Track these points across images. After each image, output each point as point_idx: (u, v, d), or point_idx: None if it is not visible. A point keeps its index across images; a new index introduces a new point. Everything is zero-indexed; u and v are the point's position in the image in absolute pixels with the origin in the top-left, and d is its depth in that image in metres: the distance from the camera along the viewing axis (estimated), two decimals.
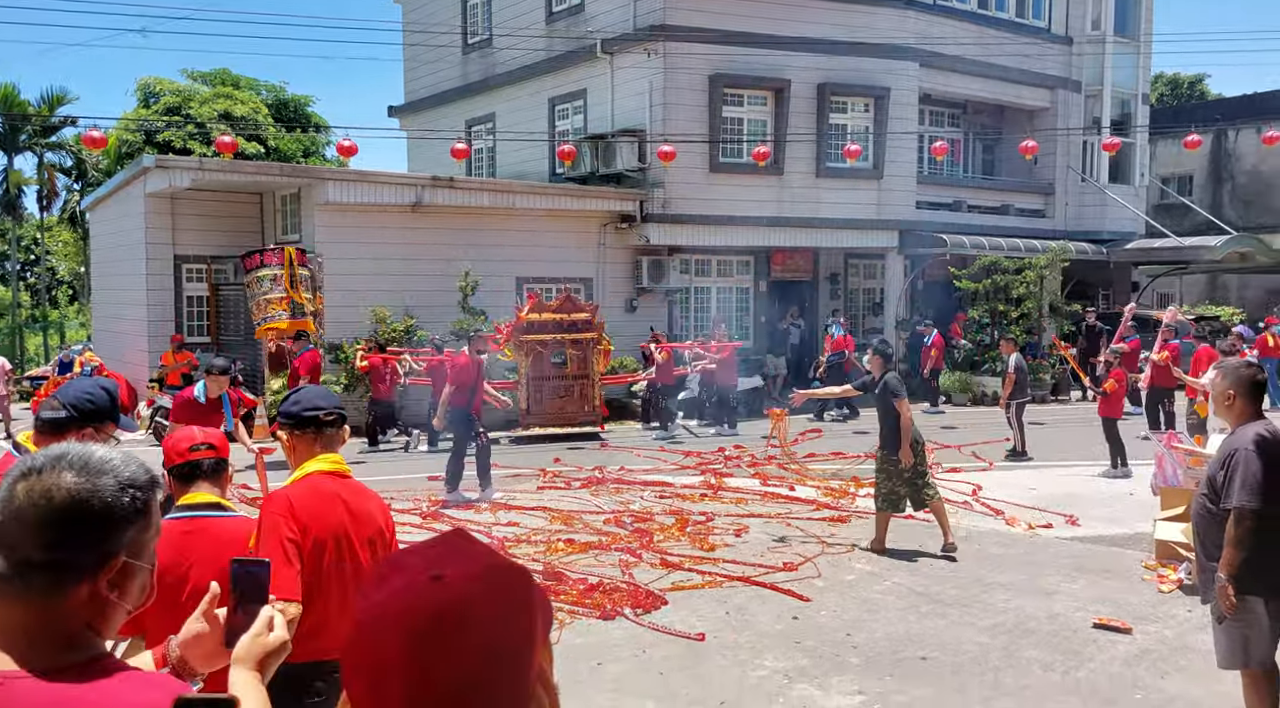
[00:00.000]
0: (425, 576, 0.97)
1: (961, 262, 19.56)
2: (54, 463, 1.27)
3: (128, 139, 27.34)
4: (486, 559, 1.02)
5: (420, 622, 0.95)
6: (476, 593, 0.97)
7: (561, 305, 14.84)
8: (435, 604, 0.96)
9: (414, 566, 1.00)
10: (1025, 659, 5.61)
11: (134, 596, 1.32)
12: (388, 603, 0.97)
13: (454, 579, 0.97)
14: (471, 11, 22.00)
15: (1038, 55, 21.47)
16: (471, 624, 0.96)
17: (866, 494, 10.02)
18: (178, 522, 2.65)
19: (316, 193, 16.04)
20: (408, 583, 0.98)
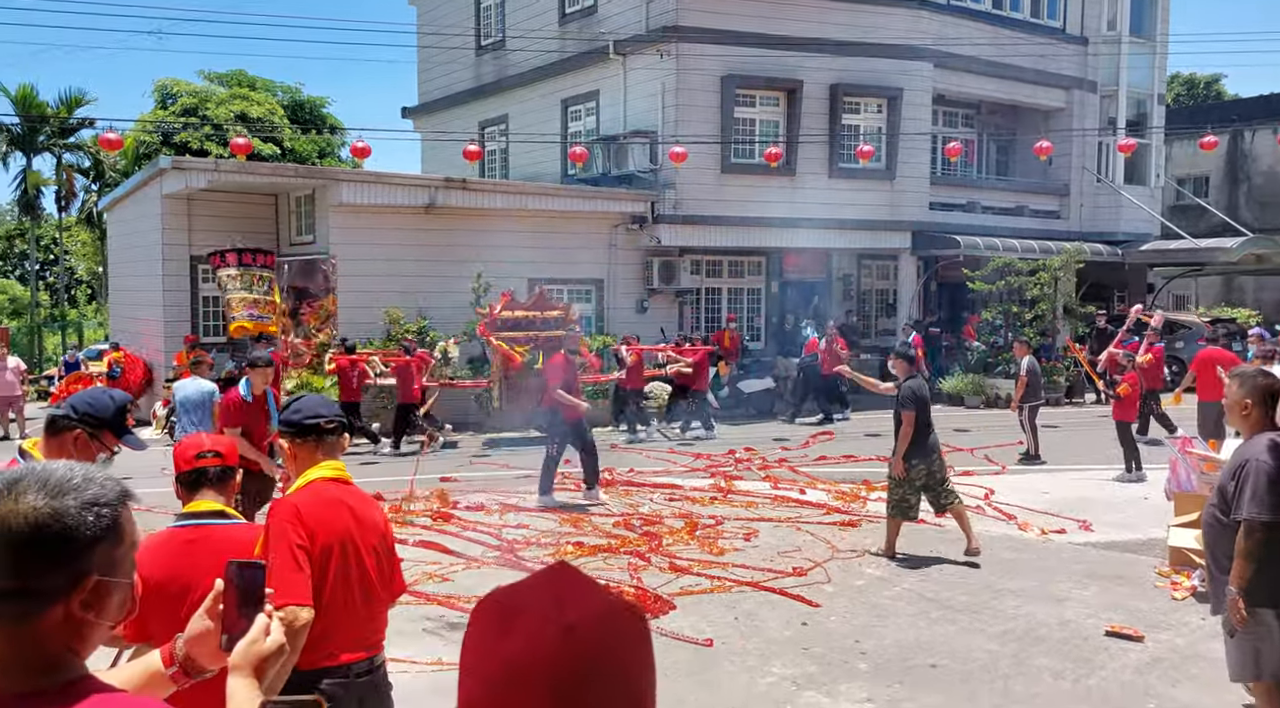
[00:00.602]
0: (558, 625, 0.95)
1: (975, 263, 19.46)
2: (11, 487, 1.24)
3: (145, 140, 27.54)
4: (604, 599, 1.00)
5: (565, 675, 0.93)
6: (613, 642, 0.97)
7: (534, 303, 14.76)
8: (577, 657, 0.94)
9: (535, 610, 0.97)
10: (1036, 667, 5.58)
11: (113, 612, 1.29)
12: (527, 656, 0.94)
13: (586, 628, 0.95)
14: (485, 13, 22.05)
15: (1053, 55, 21.37)
16: (610, 674, 0.95)
17: (878, 498, 10.01)
18: (182, 530, 2.66)
19: (331, 194, 16.12)
20: (539, 634, 0.95)
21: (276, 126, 28.01)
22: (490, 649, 0.97)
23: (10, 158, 31.75)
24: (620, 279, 17.80)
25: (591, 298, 17.81)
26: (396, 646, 5.64)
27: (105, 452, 2.95)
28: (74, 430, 2.88)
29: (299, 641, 2.56)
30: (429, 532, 8.58)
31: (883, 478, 11.05)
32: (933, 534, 8.62)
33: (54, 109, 31.33)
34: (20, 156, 31.77)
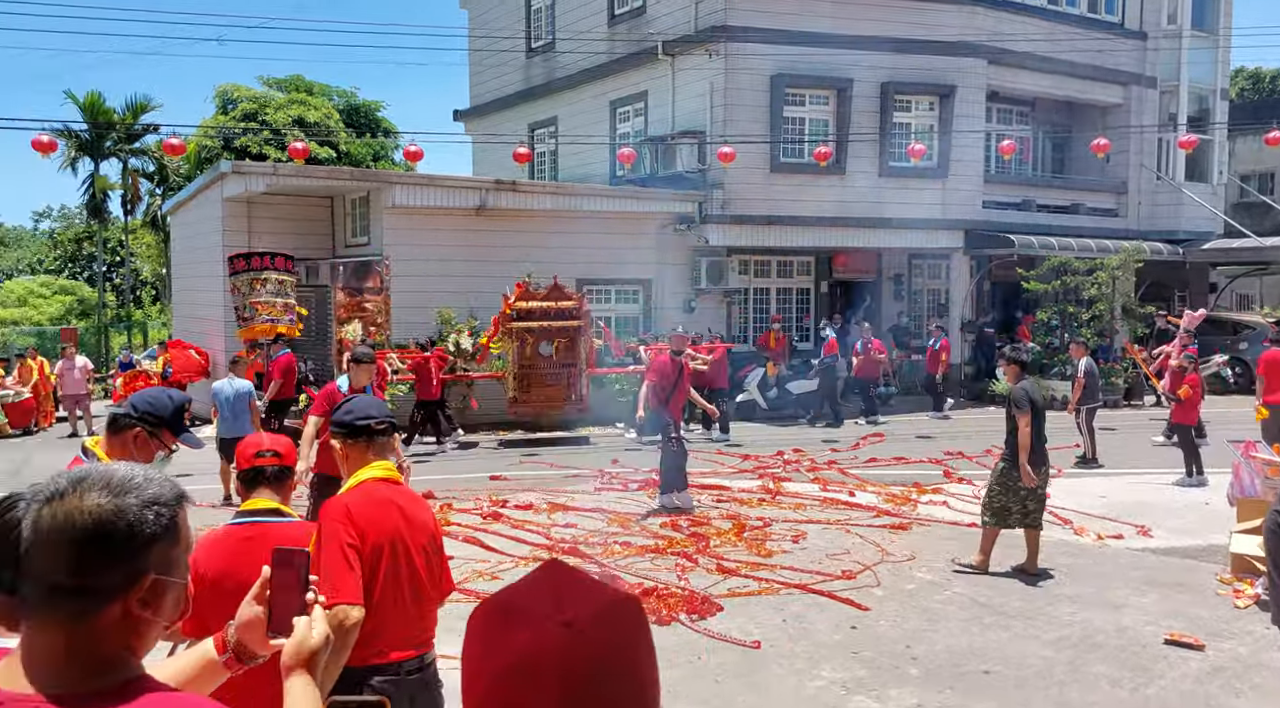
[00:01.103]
0: (557, 621, 0.96)
1: (1030, 262, 19.12)
2: (76, 485, 1.26)
3: (206, 144, 28.21)
4: (602, 594, 1.01)
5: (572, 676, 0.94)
6: (614, 636, 0.98)
7: (549, 294, 14.71)
8: (582, 655, 0.95)
9: (536, 610, 0.98)
10: (1092, 675, 5.47)
11: (168, 611, 1.31)
12: (527, 658, 0.95)
13: (586, 624, 0.96)
14: (535, 16, 22.21)
15: (1111, 51, 20.90)
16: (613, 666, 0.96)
17: (928, 501, 9.90)
18: (239, 527, 2.72)
19: (384, 196, 16.37)
20: (539, 633, 0.96)
21: (333, 131, 28.50)
22: (493, 652, 0.98)
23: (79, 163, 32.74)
24: (668, 279, 17.81)
25: (639, 298, 17.84)
26: (447, 644, 5.70)
27: (164, 449, 3.03)
28: (134, 429, 2.96)
29: (350, 639, 2.60)
30: (478, 531, 8.66)
31: (934, 481, 10.95)
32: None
33: (120, 115, 32.23)
34: (88, 162, 32.74)
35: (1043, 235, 19.37)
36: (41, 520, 1.24)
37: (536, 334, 14.46)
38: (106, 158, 33.04)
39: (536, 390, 14.55)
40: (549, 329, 14.47)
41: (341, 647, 2.60)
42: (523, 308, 14.41)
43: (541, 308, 14.47)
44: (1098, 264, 18.70)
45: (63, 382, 16.61)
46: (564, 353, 14.60)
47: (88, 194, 33.76)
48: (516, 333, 14.42)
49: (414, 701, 2.91)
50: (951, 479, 11.14)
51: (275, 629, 1.56)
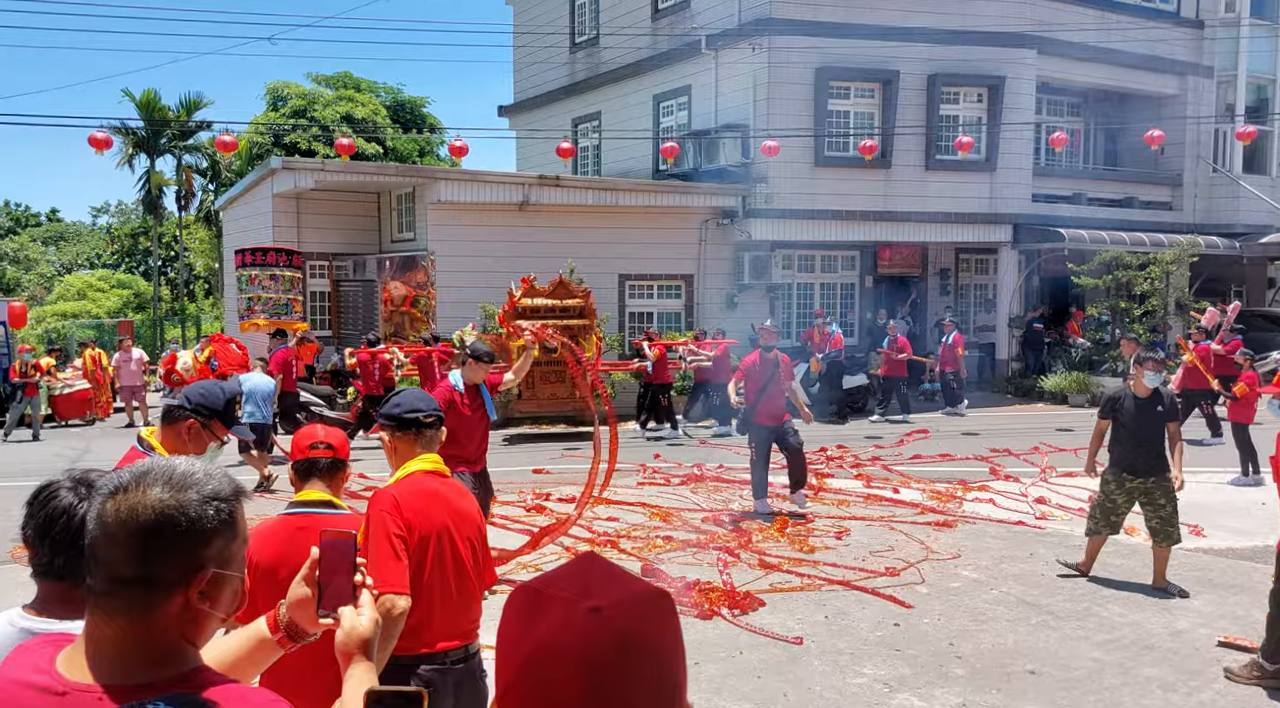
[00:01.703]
0: (582, 608, 0.98)
1: (1080, 257, 18.77)
2: (139, 480, 1.30)
3: (257, 141, 28.70)
4: (632, 585, 1.03)
5: (596, 657, 0.96)
6: (638, 620, 0.99)
7: (554, 290, 14.62)
8: (607, 637, 0.97)
9: (563, 597, 1.01)
10: (1143, 678, 5.37)
11: (226, 604, 1.35)
12: (554, 640, 0.98)
13: (612, 609, 0.98)
14: (579, 11, 22.25)
15: (1165, 40, 20.41)
16: (637, 653, 0.98)
17: (974, 498, 9.77)
18: (292, 518, 2.77)
19: (429, 192, 16.54)
20: (566, 617, 0.98)
21: (379, 127, 28.83)
22: (524, 634, 1.01)
23: (135, 160, 33.51)
24: (710, 274, 17.77)
25: (681, 293, 17.82)
26: (492, 633, 5.77)
27: (215, 441, 3.10)
28: (188, 420, 3.03)
29: (396, 628, 2.64)
30: (525, 524, 8.72)
31: (981, 478, 10.81)
32: (1032, 536, 8.38)
33: (174, 113, 32.91)
34: (144, 159, 33.49)
35: (1094, 229, 19.01)
36: (106, 514, 1.28)
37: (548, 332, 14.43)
38: (161, 154, 33.77)
39: (541, 388, 14.49)
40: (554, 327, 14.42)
41: (388, 636, 2.63)
42: (527, 305, 14.36)
43: (547, 305, 14.40)
44: (1151, 259, 18.31)
45: (119, 374, 17.02)
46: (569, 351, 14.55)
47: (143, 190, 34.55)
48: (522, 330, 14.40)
49: (460, 689, 2.94)
50: (998, 477, 10.99)
51: (325, 609, 1.60)
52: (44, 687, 1.27)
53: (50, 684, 1.28)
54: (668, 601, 1.04)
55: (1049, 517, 9.07)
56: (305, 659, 1.79)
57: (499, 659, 1.02)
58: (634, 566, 7.37)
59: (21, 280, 44.41)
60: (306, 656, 1.79)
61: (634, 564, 7.42)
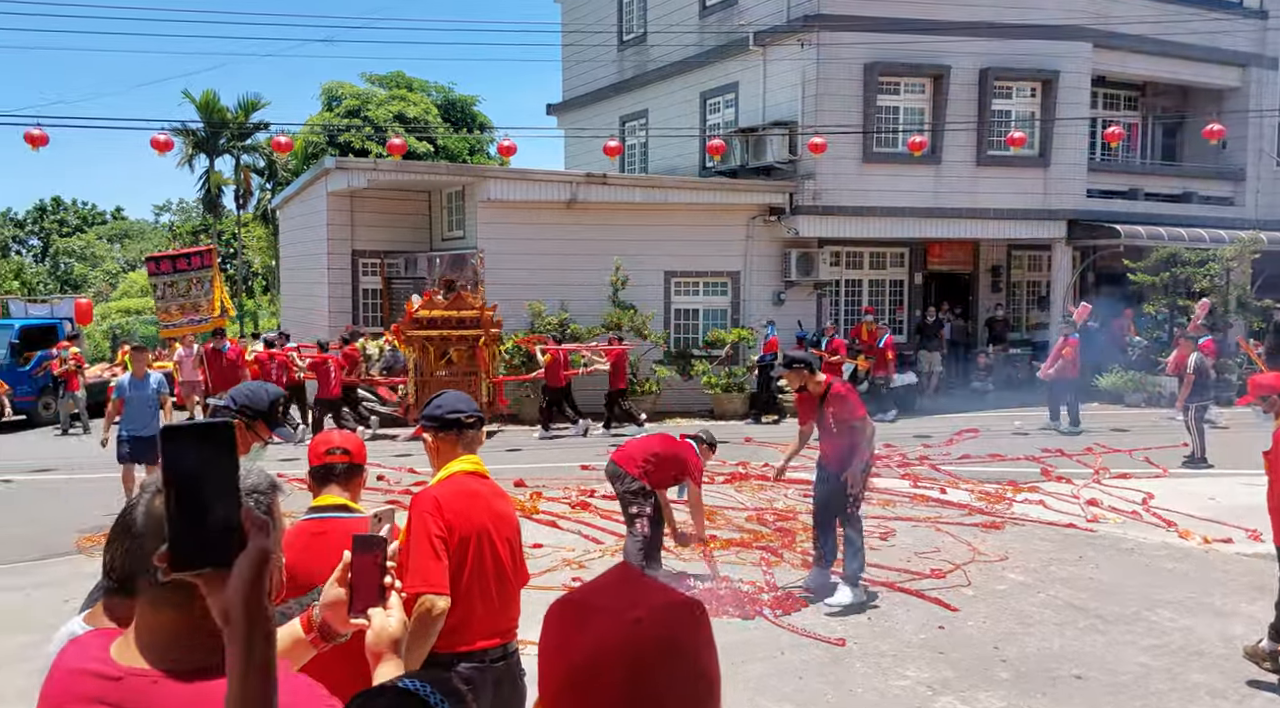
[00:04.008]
0: (625, 619, 1.04)
1: (1137, 253, 18.37)
2: None
3: (313, 141, 29.25)
4: (668, 594, 1.10)
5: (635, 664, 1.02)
6: (674, 632, 1.05)
7: (452, 303, 14.64)
8: (645, 645, 1.03)
9: (605, 608, 1.07)
10: (1192, 684, 5.28)
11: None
12: (602, 647, 1.04)
13: (652, 620, 1.04)
14: (627, 9, 22.29)
15: (1227, 31, 19.86)
16: (675, 661, 1.04)
17: (1024, 500, 9.65)
18: (309, 523, 2.80)
19: (479, 190, 16.73)
20: (610, 627, 1.04)
21: (430, 126, 29.20)
22: (570, 643, 1.07)
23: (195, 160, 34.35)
24: (756, 271, 17.72)
25: (727, 290, 17.81)
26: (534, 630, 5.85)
27: (259, 441, 3.20)
28: (234, 419, 3.13)
29: (435, 627, 2.71)
30: (568, 521, 8.82)
31: (1031, 479, 10.66)
32: (1083, 539, 8.26)
33: (233, 114, 33.67)
34: (203, 159, 34.32)
35: (1151, 225, 18.59)
36: (154, 509, 1.36)
37: (436, 343, 14.41)
38: (220, 154, 34.57)
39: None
40: (448, 338, 14.38)
41: (427, 634, 2.71)
42: (424, 317, 14.41)
43: (443, 317, 14.43)
44: (1210, 255, 17.86)
45: (181, 369, 17.48)
46: (465, 362, 14.49)
47: (203, 189, 35.41)
48: (416, 341, 14.46)
49: (499, 687, 3.01)
50: (1050, 478, 10.83)
51: (356, 610, 1.66)
52: (100, 673, 1.35)
53: (106, 670, 1.35)
54: (700, 608, 1.09)
55: (1101, 519, 8.93)
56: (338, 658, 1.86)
57: (543, 668, 1.08)
58: (676, 565, 7.41)
59: (88, 277, 45.78)
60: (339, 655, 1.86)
61: (675, 562, 7.46)
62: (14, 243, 49.27)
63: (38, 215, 52.18)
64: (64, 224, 52.25)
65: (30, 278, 39.44)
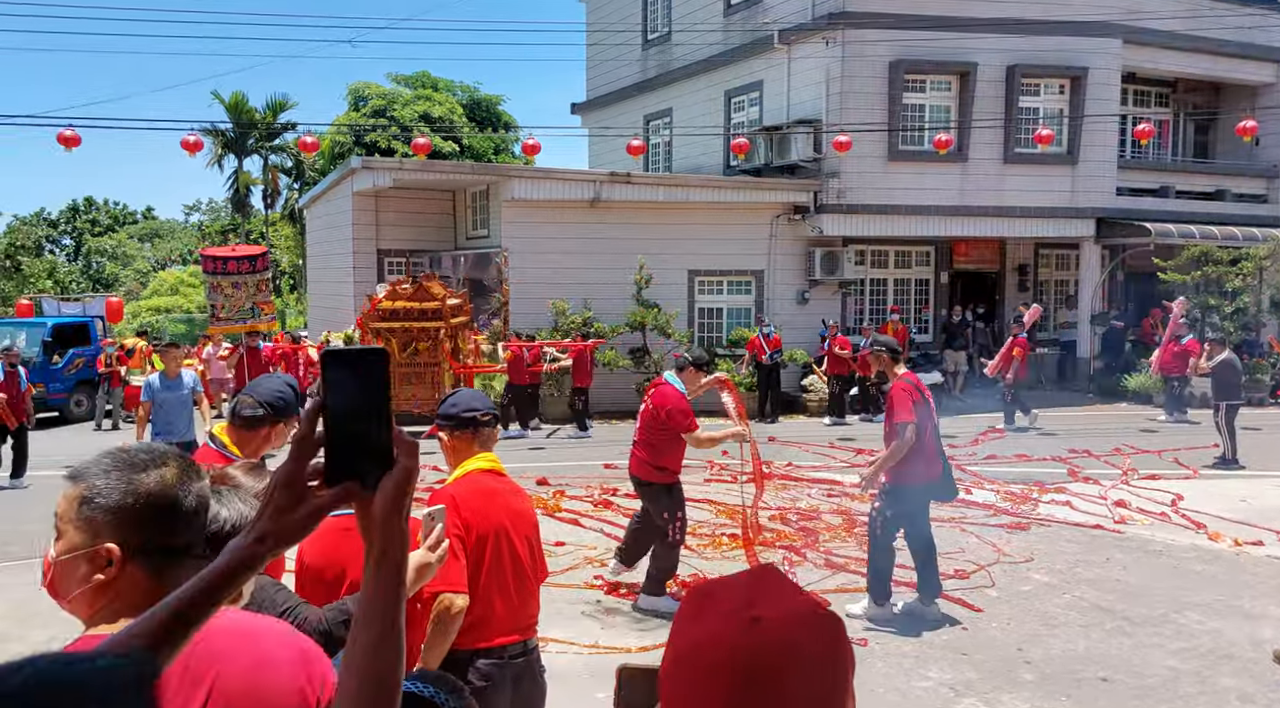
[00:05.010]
0: (745, 616, 0.99)
1: (1167, 252, 18.13)
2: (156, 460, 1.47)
3: (339, 141, 29.48)
4: (800, 600, 1.04)
5: (747, 665, 0.97)
6: (797, 637, 0.99)
7: (415, 294, 14.51)
8: (761, 647, 0.97)
9: (729, 601, 1.02)
10: (1221, 688, 5.21)
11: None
12: (711, 641, 1.00)
13: (773, 621, 0.99)
14: (651, 7, 22.29)
15: (1261, 26, 19.55)
16: (794, 669, 0.98)
17: (1050, 500, 9.55)
18: (338, 520, 2.79)
19: (503, 190, 16.79)
20: (727, 622, 1.00)
21: (455, 125, 29.34)
22: (685, 631, 1.03)
23: (224, 160, 34.75)
24: (780, 270, 17.66)
25: (751, 289, 17.76)
26: (557, 627, 5.87)
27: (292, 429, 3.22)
28: (274, 425, 3.15)
29: (454, 625, 2.72)
30: (591, 519, 8.83)
31: (1058, 480, 10.55)
32: (1110, 540, 8.17)
33: (261, 115, 34.02)
34: (232, 159, 34.71)
35: (1181, 223, 18.34)
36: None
37: (399, 334, 14.37)
38: (249, 155, 34.95)
39: (402, 388, 14.46)
40: (410, 330, 14.33)
41: (446, 632, 2.72)
42: (387, 308, 14.35)
43: (405, 308, 14.35)
44: (1243, 254, 17.60)
45: (209, 367, 17.67)
46: (428, 353, 14.42)
47: (232, 189, 35.82)
48: (380, 333, 14.46)
49: (518, 683, 3.02)
50: (1077, 479, 10.72)
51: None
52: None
53: None
54: (835, 621, 1.02)
55: (1129, 521, 8.83)
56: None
57: (665, 652, 1.05)
58: (700, 563, 7.40)
59: (119, 276, 46.42)
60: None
61: (699, 562, 7.45)
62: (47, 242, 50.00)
63: (70, 215, 52.99)
64: (96, 224, 53.02)
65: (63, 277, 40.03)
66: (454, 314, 14.58)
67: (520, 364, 14.41)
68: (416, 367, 14.47)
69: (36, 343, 16.91)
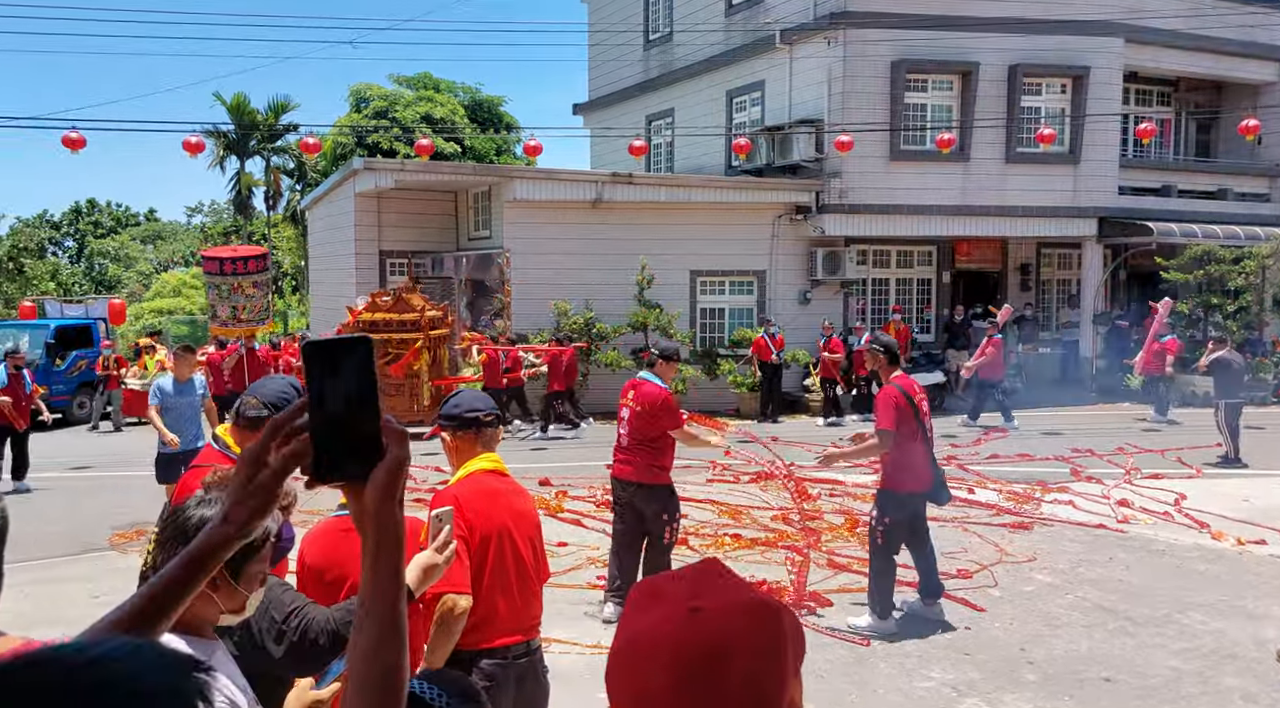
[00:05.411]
0: (684, 607, 1.00)
1: (1170, 251, 18.11)
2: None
3: (341, 142, 29.49)
4: (741, 592, 1.04)
5: (686, 655, 0.98)
6: (736, 627, 0.99)
7: (394, 305, 14.57)
8: (700, 637, 0.98)
9: (672, 595, 1.03)
10: (1224, 688, 5.20)
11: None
12: (651, 633, 1.01)
13: (712, 612, 1.00)
14: (653, 8, 22.29)
15: (1264, 25, 19.52)
16: (734, 658, 0.98)
17: (1053, 500, 9.55)
18: (338, 520, 2.79)
19: (505, 190, 16.80)
20: (668, 614, 1.01)
21: (457, 126, 29.34)
22: (626, 626, 1.05)
23: (226, 162, 34.78)
24: (782, 270, 17.66)
25: (753, 289, 17.76)
26: (560, 627, 5.88)
27: None
28: (265, 419, 3.16)
29: (458, 625, 2.73)
30: (594, 520, 8.83)
31: (1061, 480, 10.54)
32: (1113, 540, 8.16)
33: (263, 116, 34.05)
34: (234, 160, 34.73)
35: (1184, 223, 18.32)
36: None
37: (377, 347, 14.36)
38: (251, 156, 34.97)
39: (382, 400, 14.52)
40: (389, 342, 14.34)
41: (450, 633, 2.72)
42: (367, 319, 14.37)
43: (385, 320, 14.37)
44: (1246, 253, 17.58)
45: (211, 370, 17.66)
46: (406, 364, 14.42)
47: (234, 190, 35.84)
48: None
49: (521, 683, 3.02)
50: (1079, 478, 10.71)
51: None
52: None
53: None
54: (775, 612, 1.03)
55: (1132, 520, 8.82)
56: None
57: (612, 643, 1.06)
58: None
59: (122, 278, 46.47)
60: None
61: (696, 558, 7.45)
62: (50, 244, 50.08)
63: (73, 217, 53.06)
64: (98, 225, 53.10)
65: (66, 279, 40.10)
66: (433, 326, 14.56)
67: (496, 368, 14.40)
68: (394, 379, 14.46)
69: (40, 345, 16.94)
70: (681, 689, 0.97)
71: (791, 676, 1.03)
